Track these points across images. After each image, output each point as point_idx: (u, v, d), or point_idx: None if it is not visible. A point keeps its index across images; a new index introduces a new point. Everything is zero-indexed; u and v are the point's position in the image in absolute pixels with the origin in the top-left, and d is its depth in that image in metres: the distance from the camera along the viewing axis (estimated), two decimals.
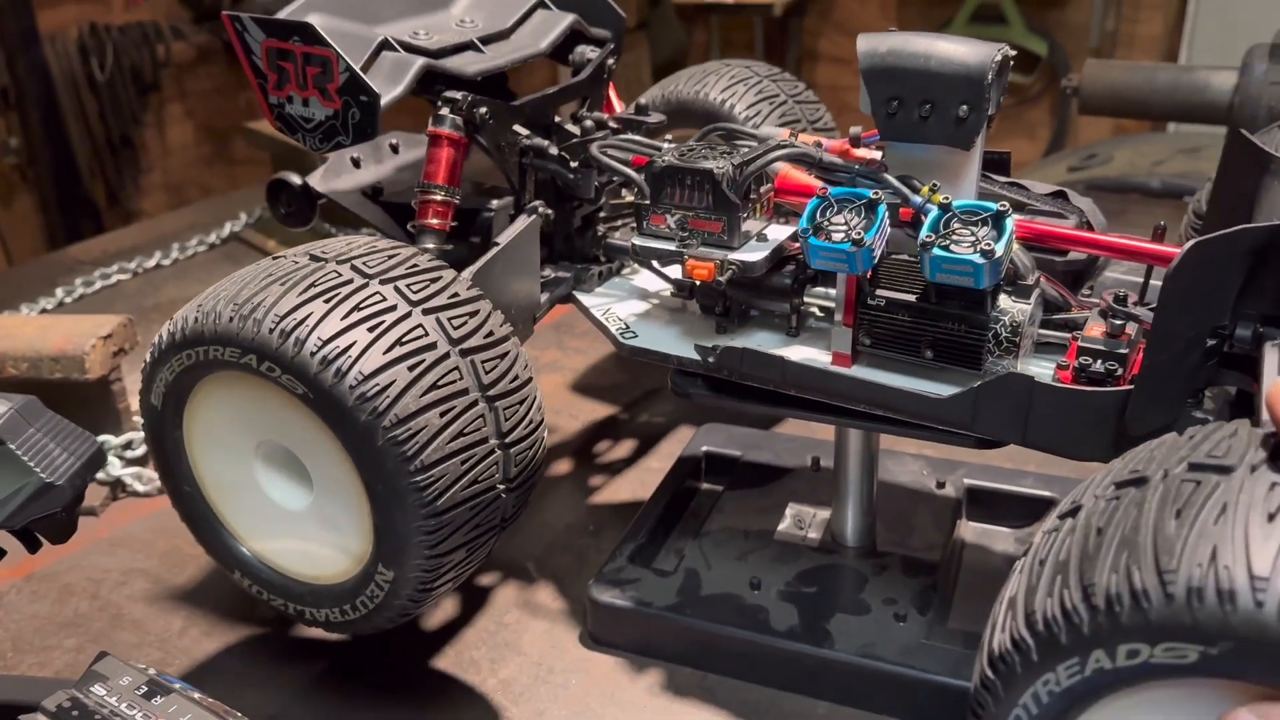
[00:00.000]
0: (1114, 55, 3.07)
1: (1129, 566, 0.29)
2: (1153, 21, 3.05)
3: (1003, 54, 0.50)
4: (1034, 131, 3.23)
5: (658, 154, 0.57)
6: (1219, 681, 0.29)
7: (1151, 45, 3.05)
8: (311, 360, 0.44)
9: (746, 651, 0.58)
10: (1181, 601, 0.28)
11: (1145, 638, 0.29)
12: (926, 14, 3.25)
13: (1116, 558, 0.30)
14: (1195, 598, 0.28)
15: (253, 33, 0.59)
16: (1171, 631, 0.28)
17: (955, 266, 0.47)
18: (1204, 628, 0.28)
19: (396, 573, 0.48)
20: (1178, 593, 0.28)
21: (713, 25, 3.39)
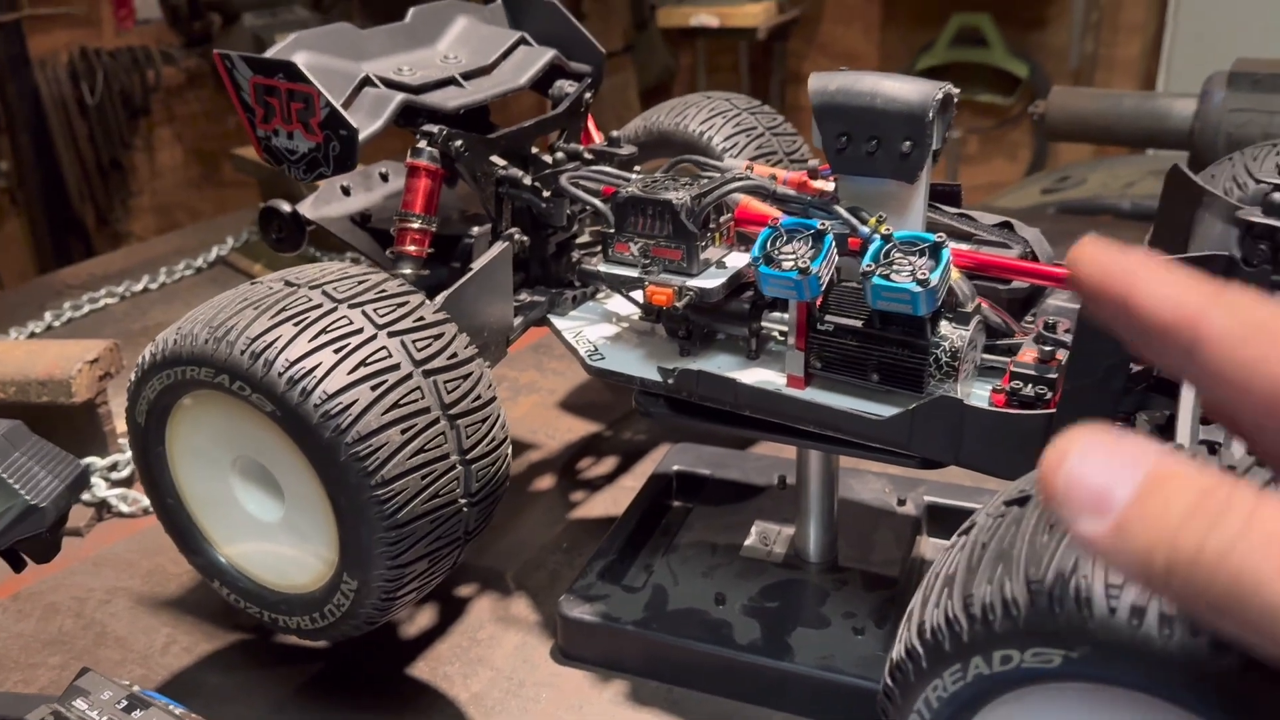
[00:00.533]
0: (1093, 78, 3.12)
1: (1002, 578, 0.32)
2: (1131, 45, 3.10)
3: (944, 92, 0.52)
4: (1015, 153, 3.28)
5: (624, 185, 0.60)
6: (1086, 685, 0.31)
7: (1130, 68, 3.11)
8: (279, 380, 0.47)
9: (710, 665, 0.60)
10: (1045, 608, 0.30)
11: (1016, 644, 0.31)
12: (908, 37, 3.30)
13: (992, 570, 0.32)
14: (1057, 605, 0.30)
15: (241, 70, 0.61)
16: (1038, 637, 0.31)
17: (894, 294, 0.49)
18: (1065, 633, 0.30)
19: (361, 582, 0.50)
20: (1042, 601, 0.30)
21: (698, 49, 3.43)
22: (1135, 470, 0.23)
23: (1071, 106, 1.15)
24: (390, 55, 0.66)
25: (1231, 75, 1.07)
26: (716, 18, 3.08)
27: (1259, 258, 0.45)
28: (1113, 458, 0.24)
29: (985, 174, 3.26)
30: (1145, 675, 0.30)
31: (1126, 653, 0.30)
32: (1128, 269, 0.26)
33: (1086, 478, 0.24)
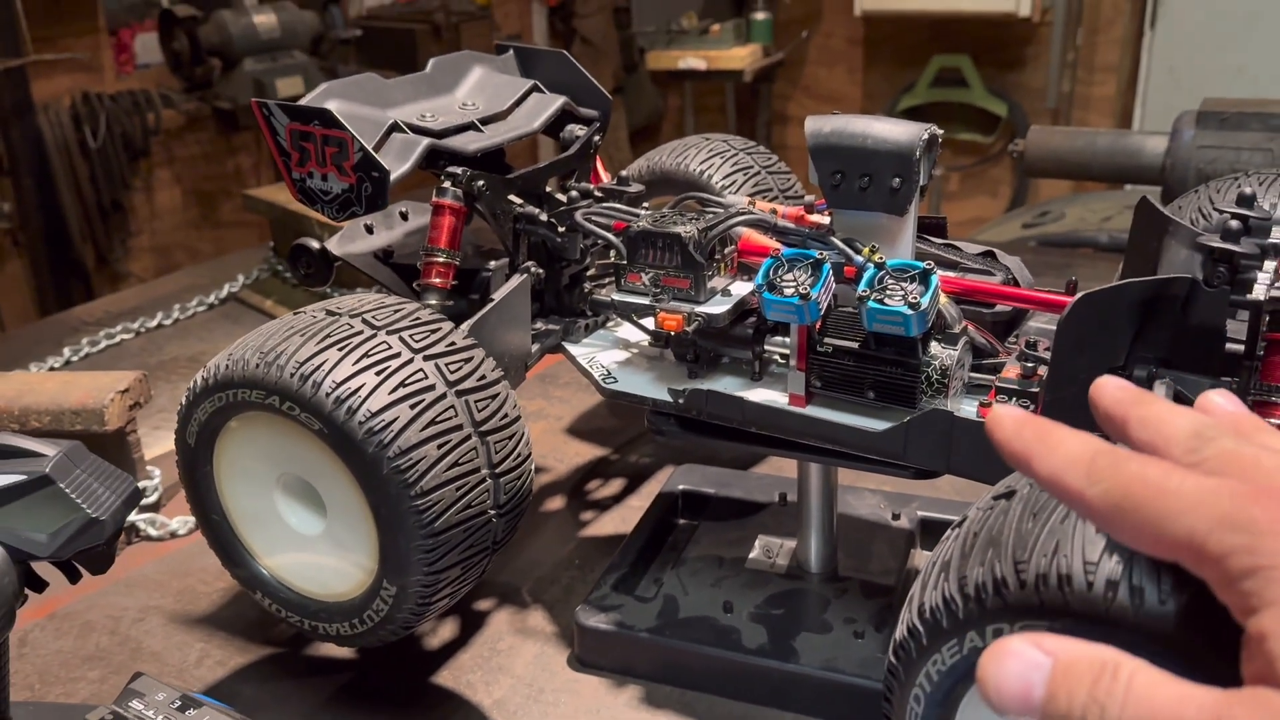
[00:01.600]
0: (1070, 116, 3.21)
1: (993, 560, 0.36)
2: (1107, 84, 3.20)
3: (930, 133, 0.57)
4: (996, 189, 3.36)
5: (635, 220, 0.65)
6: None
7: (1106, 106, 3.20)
8: (326, 400, 0.51)
9: (720, 668, 0.64)
10: (1031, 587, 0.35)
11: (1006, 619, 0.36)
12: (891, 77, 3.39)
13: (983, 554, 0.37)
14: (1041, 583, 0.34)
15: (278, 117, 0.66)
16: (1025, 612, 0.35)
17: (888, 317, 0.54)
18: (1049, 607, 0.35)
19: (399, 587, 0.54)
20: (1029, 579, 0.35)
21: (686, 91, 3.51)
22: (1042, 670, 0.30)
23: (1049, 144, 1.21)
24: (413, 103, 0.71)
25: (1200, 114, 1.13)
26: (704, 61, 3.16)
27: (1219, 279, 0.49)
28: (1023, 663, 0.30)
29: (968, 210, 3.34)
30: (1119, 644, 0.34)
31: (1103, 623, 0.34)
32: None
33: (1008, 684, 0.30)
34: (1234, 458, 0.32)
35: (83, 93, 2.52)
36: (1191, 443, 0.33)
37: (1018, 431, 0.34)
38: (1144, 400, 0.35)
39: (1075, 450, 0.33)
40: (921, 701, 0.39)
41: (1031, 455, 0.34)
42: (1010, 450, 0.34)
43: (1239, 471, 0.31)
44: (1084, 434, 0.34)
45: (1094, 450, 0.33)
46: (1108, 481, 0.32)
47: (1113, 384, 0.36)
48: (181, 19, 2.37)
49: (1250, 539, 0.29)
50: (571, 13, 3.67)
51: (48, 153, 2.42)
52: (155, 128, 2.63)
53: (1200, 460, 0.32)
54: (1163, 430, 0.34)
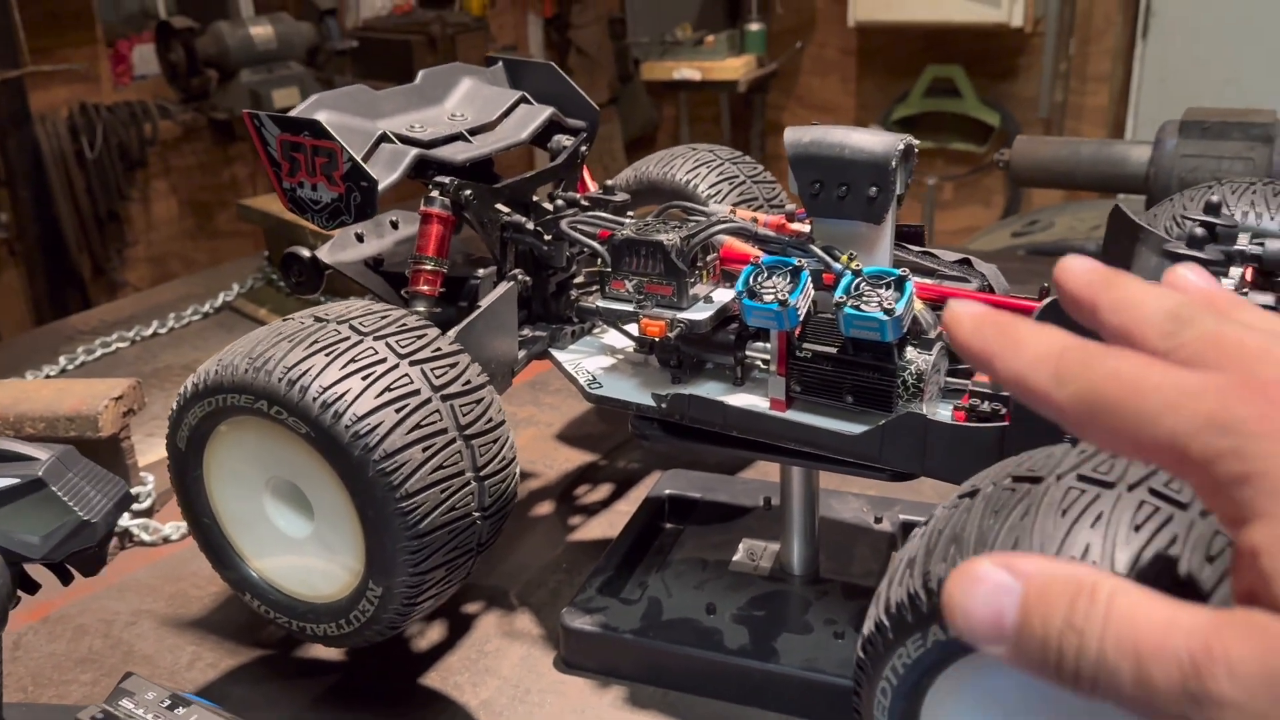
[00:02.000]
0: (1063, 125, 3.23)
1: (955, 556, 0.37)
2: (1099, 94, 3.22)
3: (905, 143, 0.59)
4: (989, 199, 3.38)
5: (619, 228, 0.66)
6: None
7: (1098, 116, 3.22)
8: (314, 404, 0.52)
9: (703, 669, 0.65)
10: None
11: None
12: (884, 87, 3.42)
13: (946, 550, 0.38)
14: None
15: (269, 128, 0.67)
16: None
17: (864, 322, 0.55)
18: None
19: (385, 588, 0.55)
20: None
21: (681, 101, 3.54)
22: (1013, 595, 0.28)
23: (1034, 154, 1.22)
24: (403, 114, 0.72)
25: (1182, 124, 1.15)
26: (698, 71, 3.18)
27: None
28: (993, 588, 0.29)
29: (960, 219, 3.36)
30: None
31: None
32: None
33: (977, 611, 0.28)
34: (1216, 340, 0.29)
35: (80, 104, 2.54)
36: (1168, 325, 0.30)
37: (977, 328, 0.31)
38: (1114, 281, 0.32)
39: (1041, 347, 0.30)
40: (888, 695, 0.40)
41: (993, 354, 0.31)
42: (970, 349, 0.31)
43: (1223, 356, 0.29)
44: (1051, 328, 0.31)
45: (1061, 346, 0.30)
46: (1078, 381, 0.29)
47: (1079, 264, 0.33)
48: (178, 30, 2.38)
49: (1238, 441, 0.26)
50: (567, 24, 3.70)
51: (44, 163, 2.44)
52: (152, 138, 2.65)
53: (1179, 344, 0.29)
54: (1137, 313, 0.31)
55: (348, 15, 3.15)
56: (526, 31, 3.77)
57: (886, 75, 3.40)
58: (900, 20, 3.11)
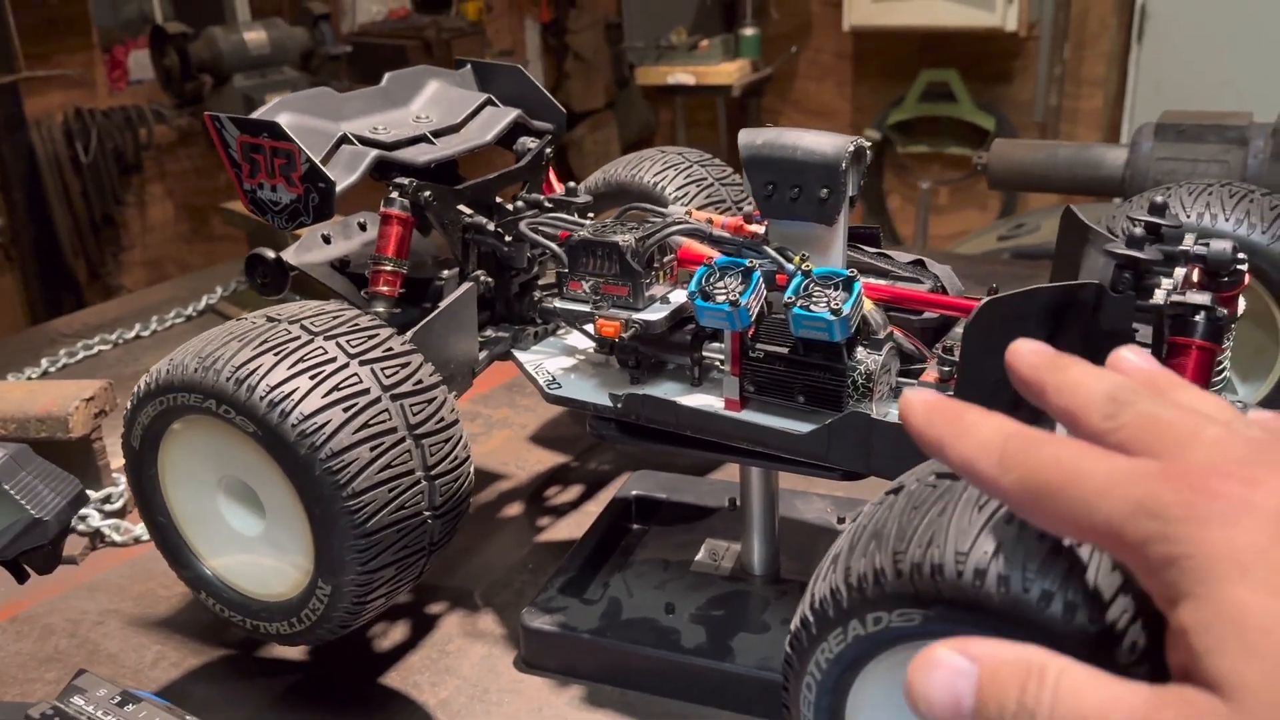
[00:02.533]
0: (1058, 129, 3.23)
1: (874, 552, 0.37)
2: (1094, 98, 3.22)
3: (856, 145, 0.59)
4: (985, 203, 3.38)
5: (578, 229, 0.66)
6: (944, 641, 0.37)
7: (1093, 120, 3.22)
8: (261, 403, 0.53)
9: (659, 668, 0.65)
10: (907, 576, 0.36)
11: (885, 607, 0.37)
12: (879, 91, 3.42)
13: (867, 546, 0.38)
14: (916, 572, 0.36)
15: (229, 130, 0.68)
16: (902, 600, 0.36)
17: (812, 323, 0.55)
18: (922, 595, 0.36)
19: (334, 587, 0.55)
20: (904, 569, 0.36)
21: (677, 105, 3.54)
22: (968, 678, 0.30)
23: (1012, 157, 1.23)
24: (367, 116, 0.73)
25: (1158, 127, 1.15)
26: (692, 76, 3.19)
27: (1124, 285, 0.51)
28: (949, 672, 0.30)
29: (956, 223, 3.36)
30: (986, 629, 0.35)
31: (971, 609, 0.35)
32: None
33: (935, 697, 0.30)
34: (1152, 423, 0.31)
35: (75, 108, 2.55)
36: (1108, 408, 0.32)
37: (929, 418, 0.34)
38: (1059, 365, 0.34)
39: (988, 434, 0.32)
40: (813, 690, 0.41)
41: (944, 442, 0.33)
42: (923, 437, 0.34)
43: (1157, 438, 0.30)
44: (998, 416, 0.33)
45: (1006, 434, 0.32)
46: (1020, 468, 0.31)
47: (1027, 348, 0.35)
48: (172, 35, 2.39)
49: (1165, 526, 0.28)
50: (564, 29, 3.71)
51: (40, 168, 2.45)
52: (147, 143, 2.66)
53: (1118, 426, 0.31)
54: (1080, 396, 0.32)
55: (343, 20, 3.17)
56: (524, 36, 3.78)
57: (882, 79, 3.41)
58: (895, 25, 3.11)
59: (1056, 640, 0.34)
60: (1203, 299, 0.49)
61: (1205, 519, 0.28)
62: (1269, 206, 0.66)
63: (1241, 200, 0.66)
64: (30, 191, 2.44)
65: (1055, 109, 3.21)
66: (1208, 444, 0.30)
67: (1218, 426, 0.30)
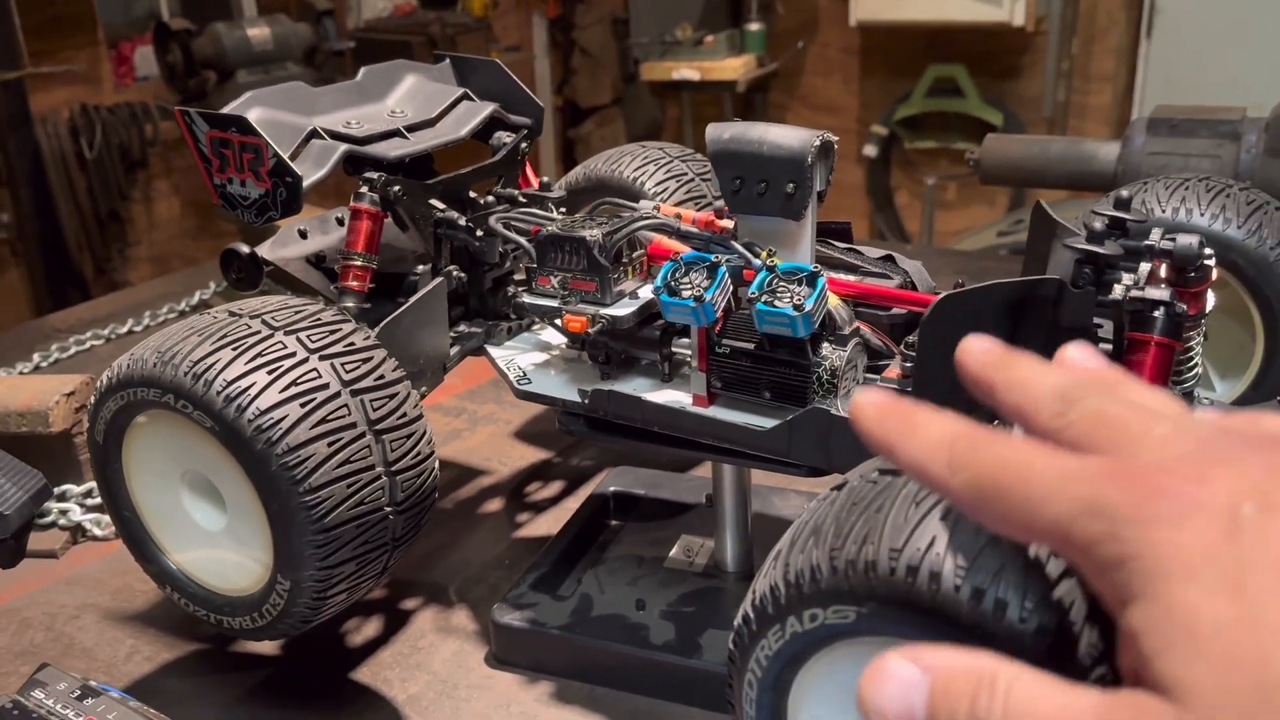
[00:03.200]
0: (1066, 125, 3.21)
1: (811, 549, 0.37)
2: (1103, 93, 3.20)
3: (822, 140, 0.58)
4: (992, 199, 3.36)
5: (548, 224, 0.66)
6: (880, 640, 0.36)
7: (1102, 115, 3.20)
8: (217, 398, 0.53)
9: (627, 665, 0.65)
10: (842, 573, 0.36)
11: (820, 603, 0.37)
12: (887, 86, 3.40)
13: (805, 543, 0.38)
14: (850, 569, 0.35)
15: (199, 124, 0.68)
16: (836, 597, 0.36)
17: (775, 318, 0.55)
18: (856, 591, 0.36)
19: (293, 582, 0.55)
20: (840, 566, 0.36)
21: (684, 101, 3.53)
22: (920, 690, 0.30)
23: (1003, 152, 1.21)
24: (340, 110, 0.73)
25: (1150, 121, 1.14)
26: (697, 71, 3.18)
27: (1084, 280, 0.50)
28: (901, 684, 0.30)
29: (964, 219, 3.34)
30: (919, 626, 0.35)
31: (902, 606, 0.35)
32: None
33: (887, 709, 0.30)
34: (1100, 419, 0.30)
35: (80, 104, 2.56)
36: (1057, 405, 0.31)
37: (879, 420, 0.33)
38: (1008, 362, 0.34)
39: (936, 434, 0.32)
40: (754, 686, 0.40)
41: (893, 443, 0.33)
42: (872, 439, 0.33)
43: (1106, 435, 0.30)
44: (947, 416, 0.33)
45: (954, 435, 0.32)
46: (969, 469, 0.31)
47: (977, 346, 0.35)
48: (175, 31, 2.40)
49: (1113, 526, 0.28)
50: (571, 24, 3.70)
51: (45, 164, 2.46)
52: (152, 139, 2.67)
53: (1067, 424, 0.31)
54: (1029, 393, 0.32)
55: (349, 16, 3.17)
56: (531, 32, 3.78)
57: (889, 75, 3.39)
58: (902, 20, 3.10)
59: (988, 637, 0.33)
60: (1161, 294, 0.48)
61: (1153, 519, 0.27)
62: (1245, 201, 0.65)
63: (1218, 195, 0.66)
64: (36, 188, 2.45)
65: (1063, 104, 3.19)
66: (1157, 441, 0.29)
67: (1167, 423, 0.30)
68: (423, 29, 3.06)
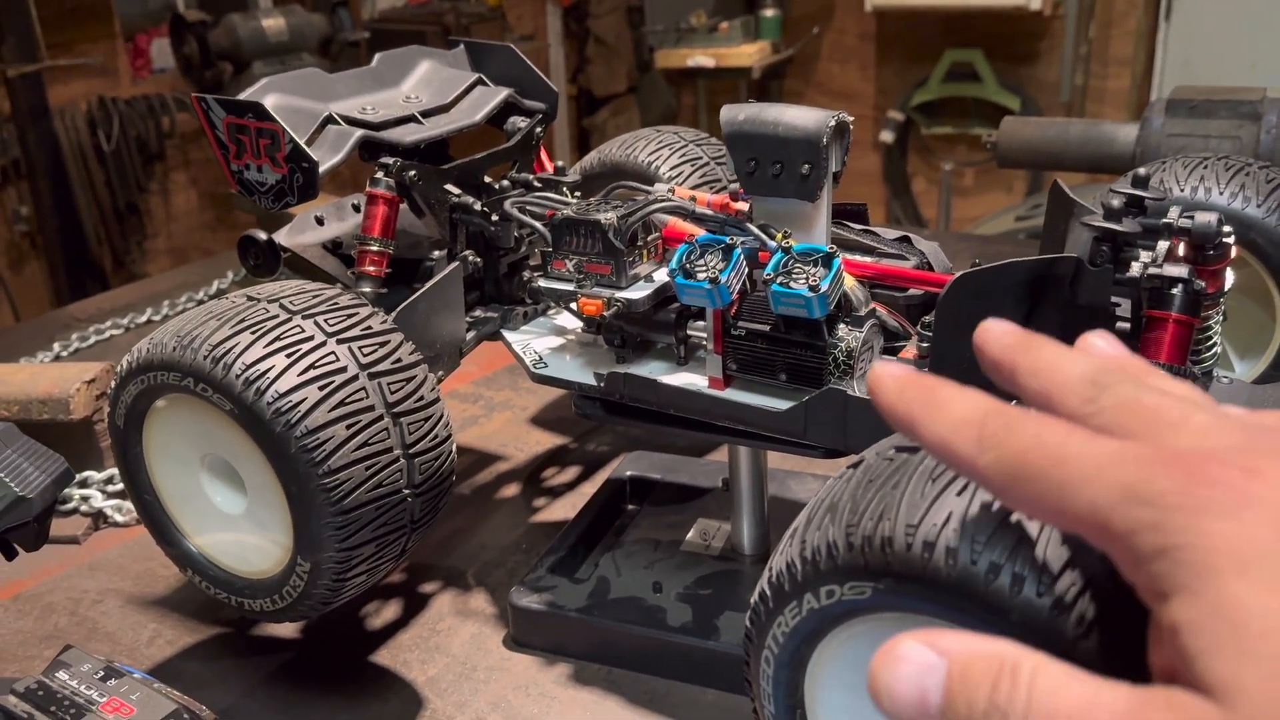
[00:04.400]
0: (1084, 109, 3.18)
1: (828, 526, 0.37)
2: (1121, 77, 3.17)
3: (838, 120, 0.58)
4: (1010, 184, 3.34)
5: (563, 208, 0.66)
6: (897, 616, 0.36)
7: (1120, 99, 3.17)
8: (237, 381, 0.53)
9: (644, 646, 0.65)
10: (858, 549, 0.36)
11: (837, 580, 0.37)
12: (904, 72, 3.38)
13: (822, 520, 0.38)
14: (867, 545, 0.35)
15: (216, 111, 0.68)
16: (853, 573, 0.36)
17: (790, 299, 0.55)
18: (873, 568, 0.35)
19: (313, 564, 0.56)
20: (856, 542, 0.36)
21: (699, 89, 3.52)
22: (936, 674, 0.28)
23: (1021, 135, 1.21)
24: (356, 96, 0.73)
25: (1169, 102, 1.13)
26: (712, 58, 3.17)
27: (1101, 258, 0.50)
28: (917, 668, 0.29)
29: (981, 205, 3.32)
30: (935, 602, 0.35)
31: (920, 581, 0.35)
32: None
33: (901, 691, 0.29)
34: (1135, 407, 0.29)
35: (98, 97, 2.58)
36: (1088, 391, 0.30)
37: (900, 393, 0.31)
38: (1032, 345, 0.32)
39: (964, 411, 0.30)
40: (771, 664, 0.40)
41: (916, 419, 0.31)
42: (894, 414, 0.32)
43: (1142, 423, 0.29)
44: (974, 392, 0.31)
45: (984, 412, 0.30)
46: (1001, 448, 0.29)
47: (997, 329, 0.33)
48: (191, 23, 2.41)
49: (1158, 514, 0.26)
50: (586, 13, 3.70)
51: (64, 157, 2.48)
52: (170, 131, 2.68)
53: (1099, 409, 0.29)
54: (1056, 378, 0.31)
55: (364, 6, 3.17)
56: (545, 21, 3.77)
57: (905, 60, 3.37)
58: (918, 4, 3.08)
59: (1004, 612, 0.33)
60: (1179, 271, 0.48)
61: (1203, 508, 0.26)
62: (1265, 180, 0.65)
63: (1237, 174, 0.65)
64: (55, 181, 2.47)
65: (1081, 89, 3.17)
66: (1198, 430, 0.28)
67: (1205, 413, 0.29)
68: (437, 19, 3.05)
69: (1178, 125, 1.11)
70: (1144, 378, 0.31)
